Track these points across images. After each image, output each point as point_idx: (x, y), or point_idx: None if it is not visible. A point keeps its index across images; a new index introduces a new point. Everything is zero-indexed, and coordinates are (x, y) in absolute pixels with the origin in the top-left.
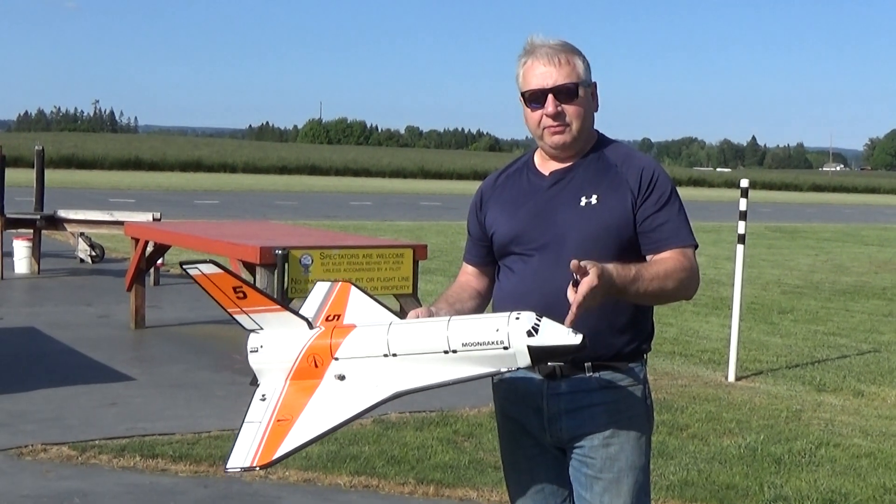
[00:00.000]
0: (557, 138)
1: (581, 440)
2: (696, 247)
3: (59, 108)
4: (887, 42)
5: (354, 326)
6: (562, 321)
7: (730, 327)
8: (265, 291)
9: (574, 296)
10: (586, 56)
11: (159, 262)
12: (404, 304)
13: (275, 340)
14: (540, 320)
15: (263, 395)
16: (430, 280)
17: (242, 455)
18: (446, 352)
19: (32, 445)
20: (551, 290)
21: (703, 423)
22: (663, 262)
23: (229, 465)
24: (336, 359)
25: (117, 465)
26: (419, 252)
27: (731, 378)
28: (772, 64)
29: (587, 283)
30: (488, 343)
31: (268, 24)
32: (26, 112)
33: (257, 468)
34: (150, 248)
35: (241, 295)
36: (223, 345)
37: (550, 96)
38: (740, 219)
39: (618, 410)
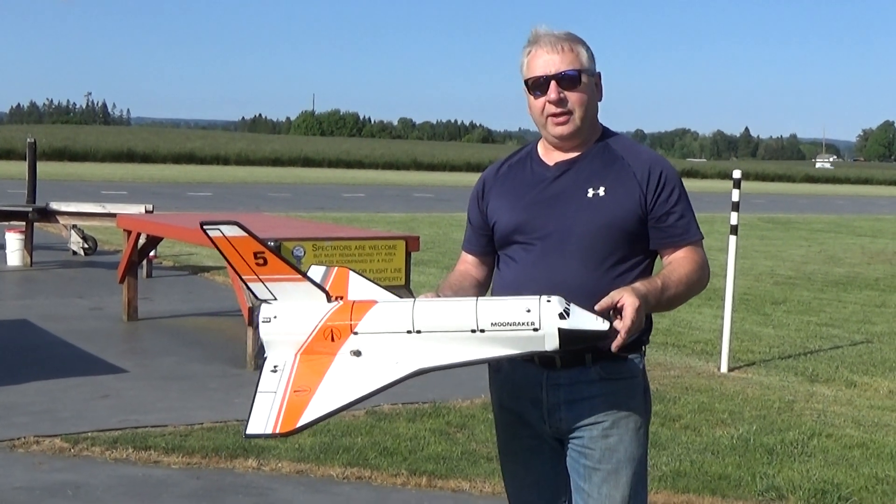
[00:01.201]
0: (560, 129)
1: (580, 431)
2: (702, 239)
3: (52, 101)
4: (880, 33)
5: (375, 302)
6: None
7: (722, 318)
8: (287, 259)
9: (619, 323)
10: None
11: (152, 254)
12: (396, 294)
13: (290, 311)
14: (569, 305)
15: (275, 367)
16: (423, 272)
17: (262, 422)
18: (474, 331)
19: (25, 438)
20: (554, 281)
21: (696, 414)
22: (682, 263)
23: (249, 430)
24: (356, 333)
25: (110, 457)
26: (411, 244)
27: (724, 369)
28: (765, 55)
29: (630, 304)
30: (518, 324)
31: (260, 16)
32: (18, 104)
33: (279, 435)
34: (142, 241)
35: (261, 261)
36: (215, 337)
37: (553, 83)
38: (733, 210)
39: (617, 402)
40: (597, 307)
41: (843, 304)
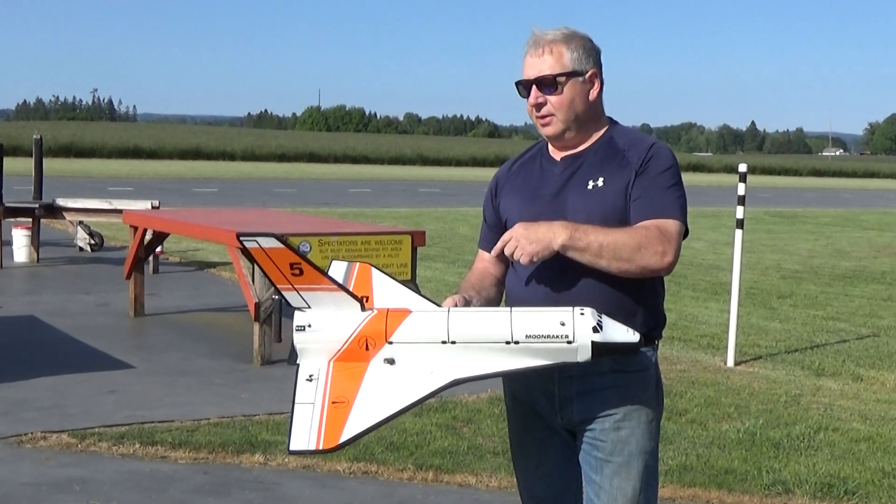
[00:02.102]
0: (546, 129)
1: (592, 423)
2: (680, 222)
3: (58, 97)
4: (886, 27)
5: (410, 311)
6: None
7: (729, 312)
8: (322, 269)
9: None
10: (594, 41)
11: (158, 249)
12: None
13: (325, 320)
14: (601, 317)
15: (310, 376)
16: (429, 266)
17: (304, 437)
18: (508, 342)
19: (32, 433)
20: (563, 276)
21: (702, 408)
22: (635, 226)
23: (293, 446)
24: (390, 343)
25: (117, 452)
26: (418, 238)
27: (730, 363)
28: (771, 49)
29: (513, 229)
30: (553, 336)
31: (266, 12)
32: (25, 101)
33: (323, 451)
34: (148, 236)
35: (297, 272)
36: (222, 332)
37: (534, 87)
38: (739, 204)
39: (629, 394)
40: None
41: (849, 298)
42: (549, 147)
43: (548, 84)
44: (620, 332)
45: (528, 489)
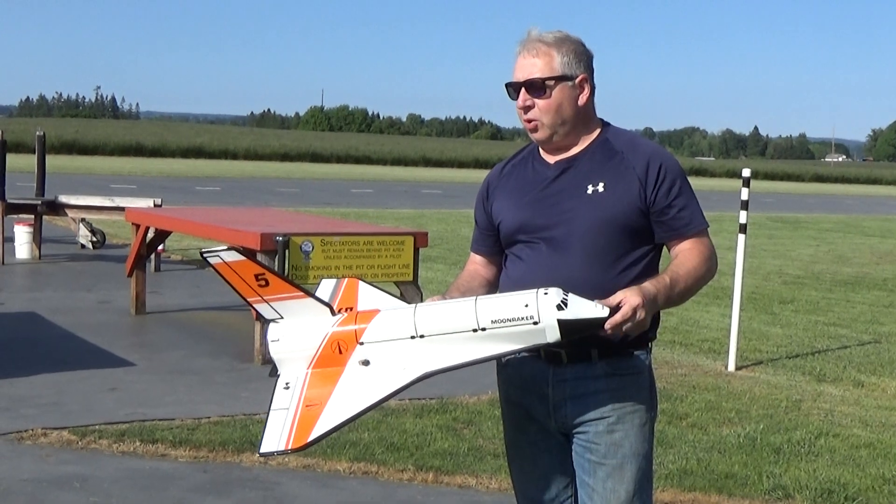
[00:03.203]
0: (533, 135)
1: (585, 426)
2: (707, 227)
3: (61, 94)
4: (890, 33)
5: (378, 311)
6: None
7: (730, 317)
8: (288, 278)
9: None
10: (586, 46)
11: (160, 248)
12: (405, 291)
13: (296, 329)
14: (567, 295)
15: (287, 384)
16: (431, 268)
17: (275, 440)
18: (475, 330)
19: (32, 430)
20: (559, 277)
21: (703, 413)
22: (688, 256)
23: (263, 449)
24: (361, 343)
25: (117, 449)
26: (420, 239)
27: (731, 368)
28: (774, 54)
29: (629, 303)
30: (518, 319)
31: (270, 11)
32: (28, 98)
33: (291, 451)
34: (150, 234)
35: (262, 283)
36: (223, 331)
37: (522, 90)
38: (742, 208)
39: (623, 397)
40: (603, 303)
41: (851, 304)
42: (541, 149)
43: (536, 87)
44: (587, 308)
45: (524, 491)
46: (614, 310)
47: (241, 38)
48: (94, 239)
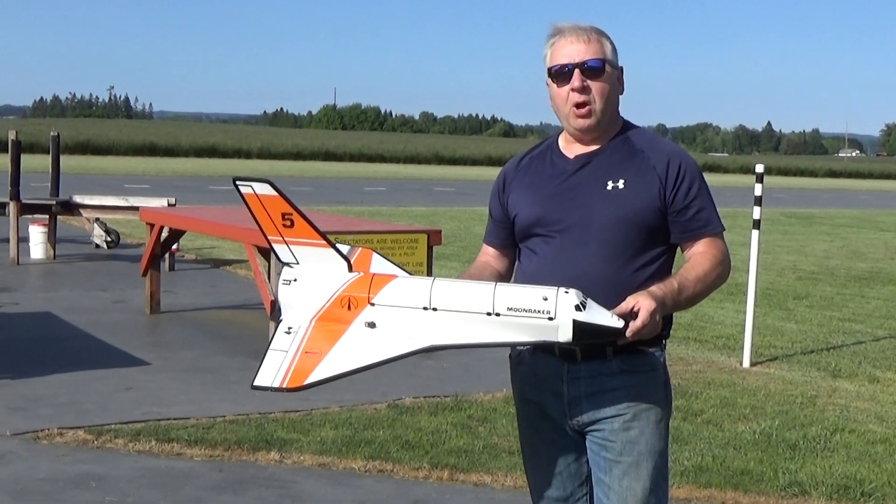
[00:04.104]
0: (581, 122)
1: (601, 423)
2: (723, 229)
3: (75, 95)
4: None
5: (395, 276)
6: None
7: (745, 313)
8: (314, 224)
9: (632, 324)
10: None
11: (174, 247)
12: None
13: (310, 276)
14: (587, 299)
15: (289, 328)
16: (445, 265)
17: (270, 376)
18: (489, 314)
19: (48, 429)
20: (575, 273)
21: (718, 409)
22: (700, 260)
23: (257, 381)
24: (372, 304)
25: (133, 449)
26: (433, 237)
27: (746, 364)
28: (787, 49)
29: (646, 308)
30: (534, 311)
31: (283, 10)
32: (42, 98)
33: (285, 390)
34: (165, 234)
35: (288, 223)
36: (238, 330)
37: (577, 71)
38: (755, 204)
39: (638, 395)
40: (614, 311)
41: (865, 300)
42: (561, 143)
43: (594, 70)
44: (604, 317)
45: (539, 490)
46: (628, 318)
47: (253, 37)
48: (109, 239)
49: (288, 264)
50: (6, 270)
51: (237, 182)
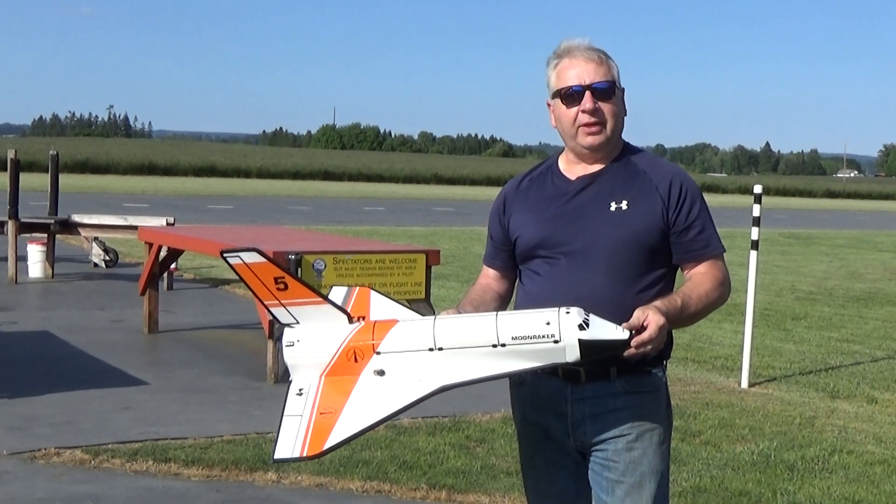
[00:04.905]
0: (592, 139)
1: (604, 444)
2: (723, 251)
3: (74, 113)
4: None
5: (397, 321)
6: None
7: (743, 333)
8: (307, 283)
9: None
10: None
11: (173, 266)
12: (417, 309)
13: (313, 334)
14: (588, 316)
15: (300, 390)
16: (443, 285)
17: (289, 446)
18: (495, 345)
19: (46, 449)
20: (580, 294)
21: (716, 430)
22: (701, 280)
23: (277, 455)
24: (378, 353)
25: (130, 469)
26: (432, 257)
27: (745, 384)
28: (786, 70)
29: (655, 321)
30: (539, 336)
31: (282, 30)
32: (41, 117)
33: (306, 458)
34: (163, 253)
35: (282, 286)
36: (236, 350)
37: (588, 93)
38: (754, 225)
39: (641, 415)
40: (624, 325)
41: (864, 320)
42: (562, 164)
43: (605, 92)
44: (608, 330)
45: None
46: (636, 330)
47: (252, 56)
48: (107, 258)
49: (288, 325)
50: (4, 289)
51: (224, 255)
